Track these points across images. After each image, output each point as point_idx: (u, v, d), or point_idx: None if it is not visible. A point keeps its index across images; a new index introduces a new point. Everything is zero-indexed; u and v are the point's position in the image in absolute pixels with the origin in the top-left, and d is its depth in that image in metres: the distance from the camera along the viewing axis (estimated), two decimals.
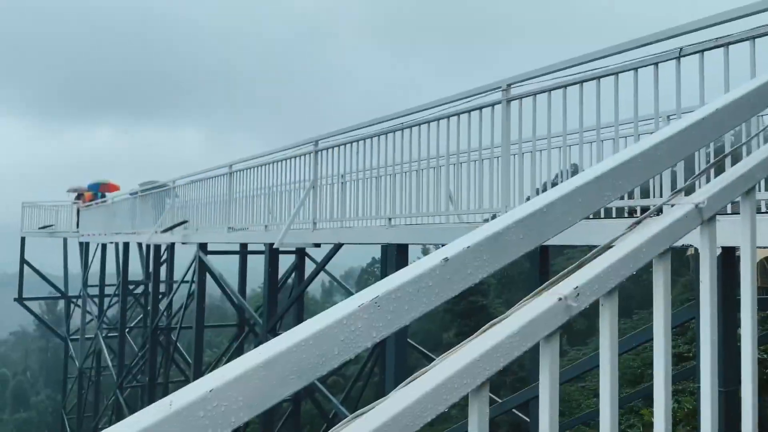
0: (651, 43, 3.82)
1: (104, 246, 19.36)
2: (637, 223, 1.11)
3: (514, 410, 6.57)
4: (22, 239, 22.29)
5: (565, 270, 0.98)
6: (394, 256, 6.28)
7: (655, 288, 1.11)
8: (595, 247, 1.04)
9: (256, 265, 12.50)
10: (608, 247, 1.05)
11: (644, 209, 4.30)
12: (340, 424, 0.78)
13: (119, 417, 16.40)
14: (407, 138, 6.00)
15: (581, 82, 4.34)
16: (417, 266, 0.81)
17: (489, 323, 0.89)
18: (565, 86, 4.46)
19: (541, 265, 5.75)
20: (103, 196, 20.39)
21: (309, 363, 0.72)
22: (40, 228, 22.33)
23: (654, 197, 4.93)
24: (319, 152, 7.48)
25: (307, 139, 7.74)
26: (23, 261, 21.89)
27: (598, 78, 4.23)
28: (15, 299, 21.83)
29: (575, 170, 7.66)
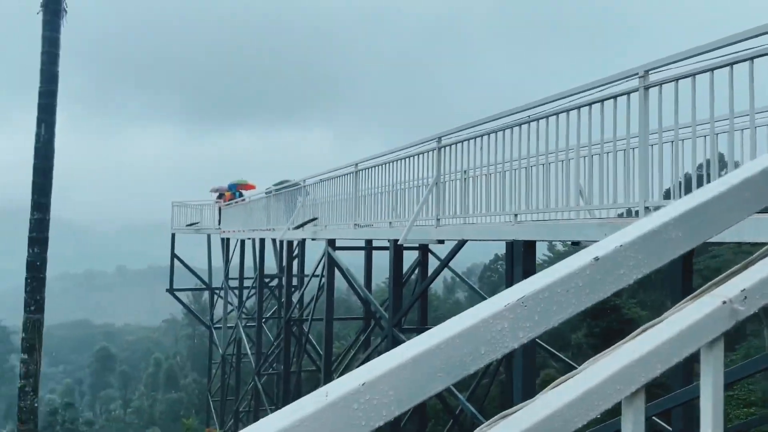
0: None
1: (243, 242, 20.77)
2: None
3: (654, 418, 6.15)
4: (173, 235, 24.55)
5: (729, 270, 0.90)
6: (521, 253, 6.13)
7: None
8: (759, 245, 0.94)
9: (380, 261, 12.79)
10: None
11: None
12: (486, 423, 0.78)
13: (258, 402, 17.55)
14: (534, 131, 5.81)
15: (731, 64, 3.96)
16: (565, 265, 0.78)
17: (643, 326, 0.84)
18: (713, 69, 4.09)
19: (684, 263, 5.33)
20: (241, 195, 21.88)
21: (456, 361, 0.72)
22: (187, 225, 24.47)
23: None
24: (442, 149, 7.48)
25: (430, 137, 7.77)
26: (173, 255, 24.12)
27: (751, 59, 3.83)
28: (167, 290, 24.15)
29: (722, 160, 7.00)
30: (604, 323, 23.56)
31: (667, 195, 6.15)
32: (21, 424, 10.52)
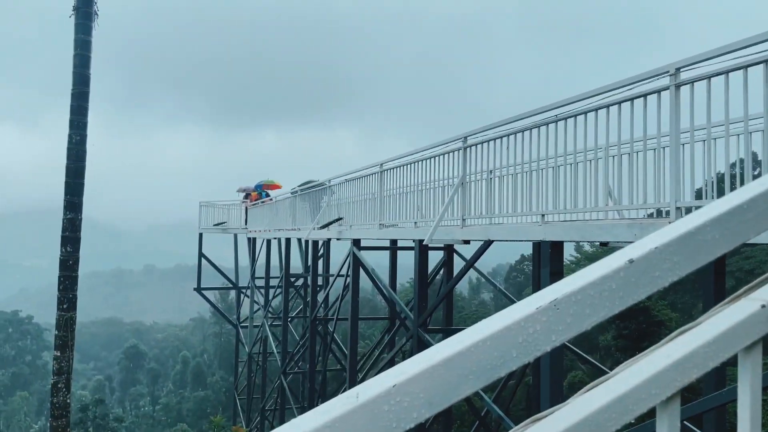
0: None
1: (269, 241, 20.94)
2: None
3: (684, 422, 6.03)
4: (200, 235, 24.87)
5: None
6: (548, 254, 6.06)
7: None
8: None
9: (405, 261, 12.79)
10: None
11: None
12: (517, 426, 0.77)
13: (284, 400, 17.68)
14: (561, 130, 5.75)
15: (766, 61, 3.86)
16: (599, 267, 0.76)
17: (678, 330, 0.82)
18: (746, 67, 3.99)
19: (717, 265, 5.22)
20: (268, 194, 22.05)
21: (488, 364, 0.71)
22: (214, 225, 24.76)
23: None
24: (468, 148, 7.44)
25: (456, 136, 7.73)
26: (201, 254, 24.43)
27: None
28: (194, 289, 24.47)
29: (755, 159, 6.82)
30: (634, 325, 23.18)
31: (698, 195, 6.03)
32: (54, 419, 10.77)
